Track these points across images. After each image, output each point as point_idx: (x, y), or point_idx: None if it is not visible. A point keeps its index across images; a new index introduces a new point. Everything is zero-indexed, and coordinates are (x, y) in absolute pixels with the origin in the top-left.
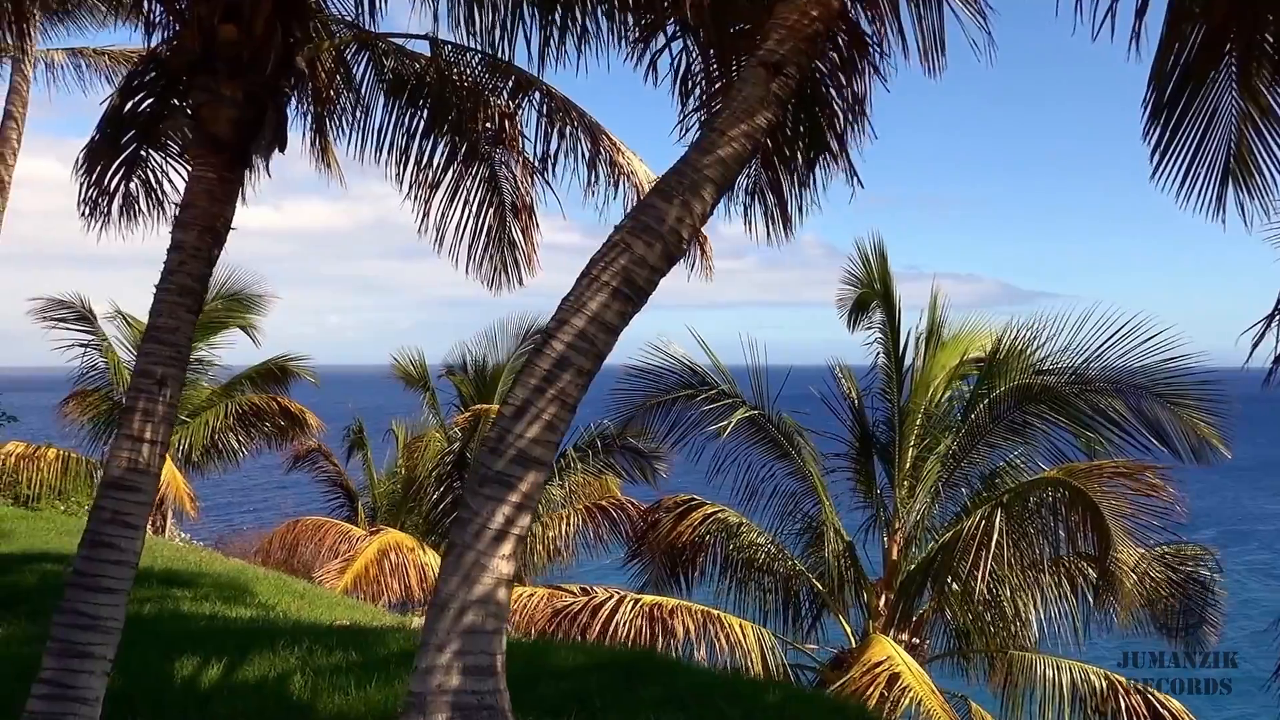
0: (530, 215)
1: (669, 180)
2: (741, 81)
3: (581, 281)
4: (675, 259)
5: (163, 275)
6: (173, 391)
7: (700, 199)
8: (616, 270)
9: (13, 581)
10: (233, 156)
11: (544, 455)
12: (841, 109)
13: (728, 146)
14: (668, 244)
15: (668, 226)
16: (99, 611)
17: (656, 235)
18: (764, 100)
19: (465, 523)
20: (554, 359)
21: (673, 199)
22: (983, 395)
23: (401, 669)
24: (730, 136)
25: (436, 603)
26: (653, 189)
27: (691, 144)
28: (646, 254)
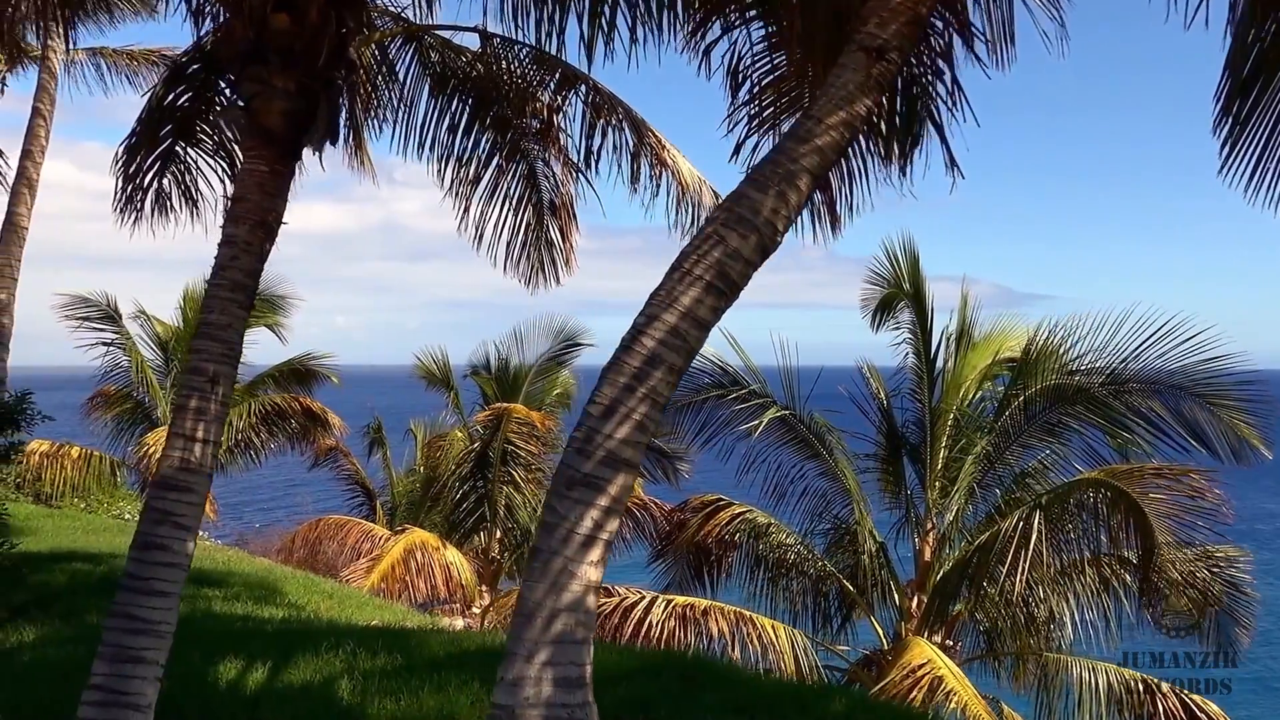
0: (569, 214)
1: (764, 170)
2: (840, 68)
3: (672, 275)
4: (769, 252)
5: (214, 270)
6: (225, 390)
7: (796, 189)
8: (710, 264)
9: (43, 581)
10: (284, 149)
11: (634, 457)
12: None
13: (826, 135)
14: (763, 236)
15: (763, 218)
16: (151, 615)
17: (751, 227)
18: (864, 86)
19: (552, 527)
20: (644, 356)
21: (768, 189)
22: (1015, 396)
23: (451, 673)
24: (828, 125)
25: (523, 611)
26: (746, 179)
27: (787, 132)
28: (741, 247)
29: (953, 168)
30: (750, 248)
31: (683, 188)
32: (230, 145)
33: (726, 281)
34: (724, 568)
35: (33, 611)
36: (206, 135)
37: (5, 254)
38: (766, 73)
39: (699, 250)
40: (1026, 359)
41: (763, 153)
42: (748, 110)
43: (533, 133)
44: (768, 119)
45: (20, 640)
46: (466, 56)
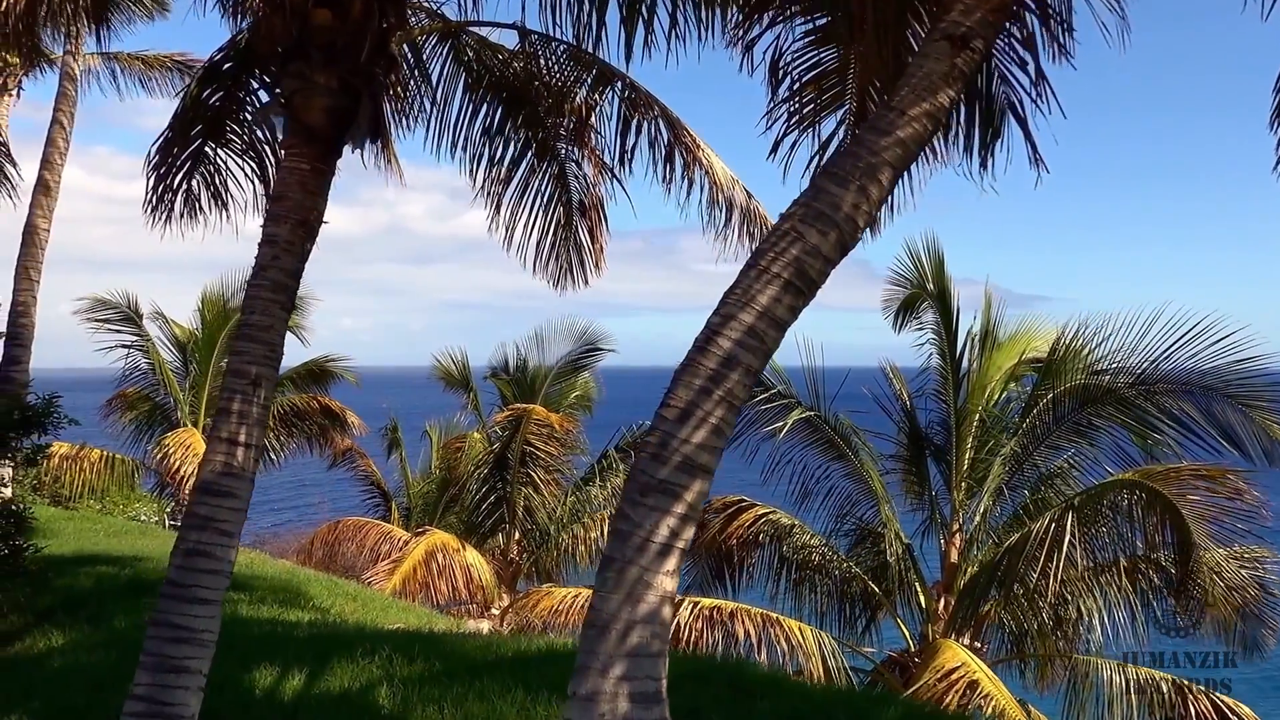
0: (600, 214)
1: (843, 164)
2: (922, 57)
3: (749, 273)
4: (849, 249)
5: (254, 271)
6: (267, 392)
7: (877, 183)
8: (788, 261)
9: (68, 584)
10: (326, 147)
11: (710, 462)
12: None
13: (908, 127)
14: (843, 233)
15: (843, 214)
16: (194, 624)
17: (831, 223)
18: (948, 76)
19: (626, 536)
20: (721, 357)
21: (848, 184)
22: (1042, 396)
23: (492, 680)
24: (911, 116)
25: (596, 623)
26: (823, 173)
27: (866, 124)
28: (820, 244)
29: (1037, 163)
30: (830, 245)
31: (717, 187)
32: (260, 146)
33: (805, 280)
34: (747, 569)
35: (60, 616)
36: (236, 135)
37: (26, 257)
38: (807, 69)
39: (776, 247)
40: (1053, 359)
41: (801, 151)
42: (787, 107)
43: (566, 133)
44: (807, 116)
45: (49, 645)
46: (502, 55)
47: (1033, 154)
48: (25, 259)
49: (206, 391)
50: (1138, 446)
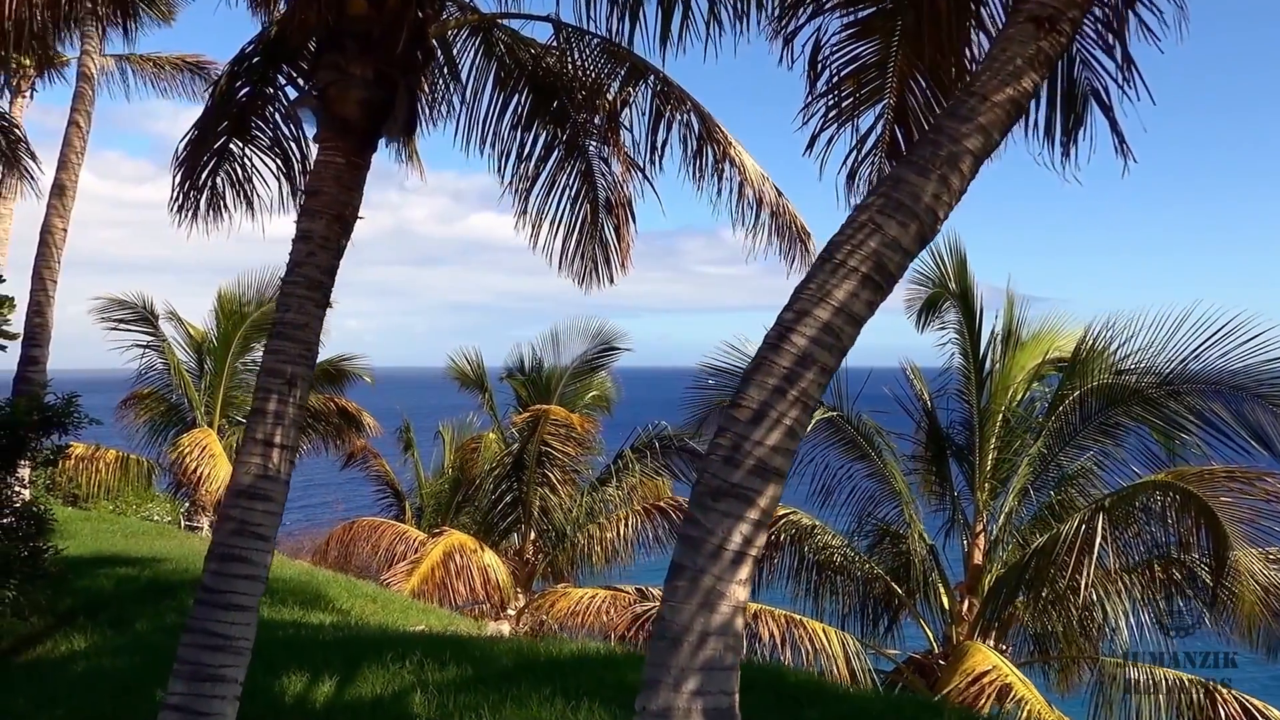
0: (627, 212)
1: (923, 152)
2: (1006, 40)
3: (824, 267)
4: (928, 242)
5: (289, 268)
6: (302, 392)
7: (959, 173)
8: (866, 254)
9: (86, 586)
10: (362, 140)
11: (784, 466)
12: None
13: (990, 113)
14: (923, 224)
15: (924, 204)
16: (230, 631)
17: (911, 214)
18: (1033, 60)
19: (698, 542)
20: (796, 356)
21: (929, 173)
22: (1065, 396)
23: (528, 687)
24: (994, 102)
25: (667, 635)
26: (903, 162)
27: (946, 110)
28: (900, 236)
29: (1123, 151)
30: (910, 237)
31: (749, 183)
32: (286, 142)
33: (884, 274)
34: (768, 569)
35: (81, 619)
36: (261, 131)
37: (43, 258)
38: (846, 63)
39: (853, 240)
40: (1078, 359)
41: (839, 146)
42: (825, 102)
43: (595, 129)
44: (846, 110)
45: (71, 648)
46: (535, 49)
47: (1119, 143)
48: (42, 260)
49: (221, 392)
50: (1163, 447)
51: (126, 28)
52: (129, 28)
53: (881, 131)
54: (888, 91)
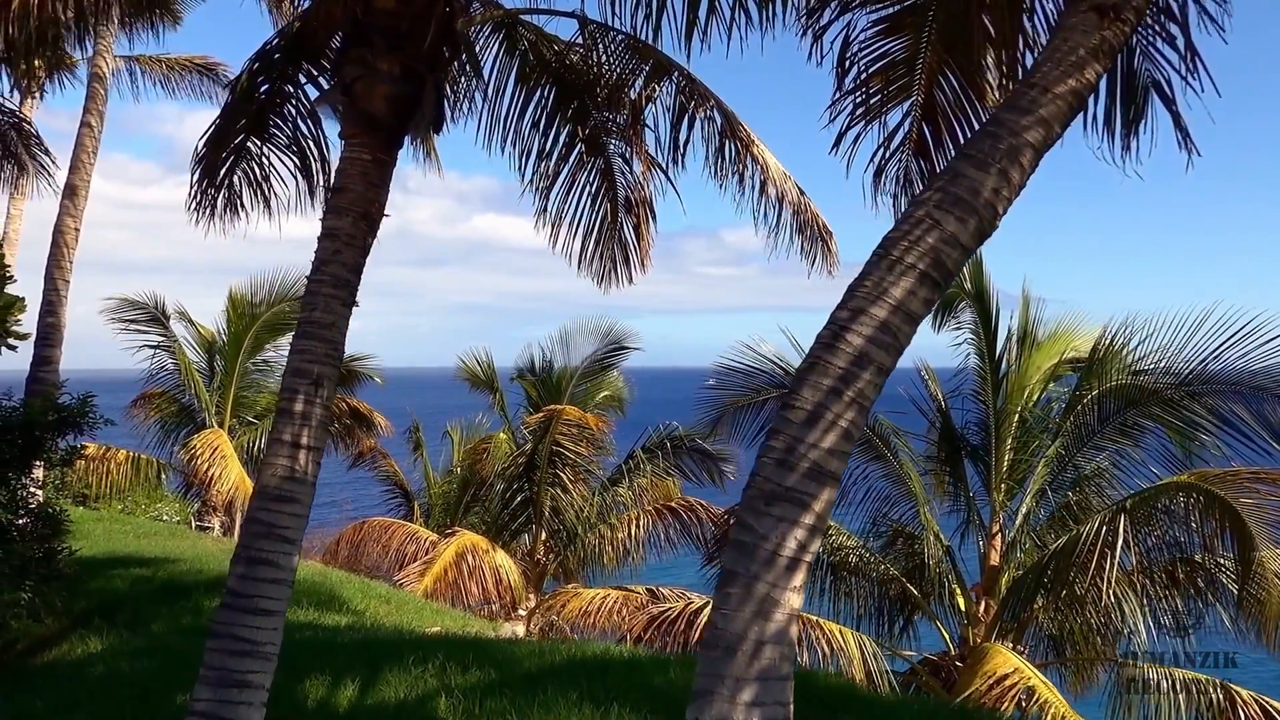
0: (648, 211)
1: (981, 145)
2: (1067, 30)
3: (879, 264)
4: (987, 237)
5: (314, 266)
6: (329, 392)
7: (1019, 166)
8: (924, 251)
9: (101, 587)
10: (388, 136)
11: (838, 469)
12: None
13: (1051, 105)
14: (982, 220)
15: (983, 199)
16: (257, 636)
17: (970, 209)
18: (1096, 51)
19: (751, 548)
20: (852, 355)
21: (989, 167)
22: (1082, 397)
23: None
24: (1056, 94)
25: (719, 643)
26: (960, 156)
27: (1004, 102)
28: (959, 232)
29: (1187, 146)
30: (969, 233)
31: (772, 183)
32: (304, 141)
33: (941, 271)
34: None
35: (96, 620)
36: (279, 130)
37: (55, 257)
38: (874, 60)
39: (910, 236)
40: (1095, 359)
41: (865, 144)
42: (852, 99)
43: (616, 127)
44: (874, 108)
45: (87, 650)
46: (558, 45)
47: (1182, 137)
48: (54, 260)
49: (232, 392)
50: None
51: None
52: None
53: (909, 129)
54: (916, 88)
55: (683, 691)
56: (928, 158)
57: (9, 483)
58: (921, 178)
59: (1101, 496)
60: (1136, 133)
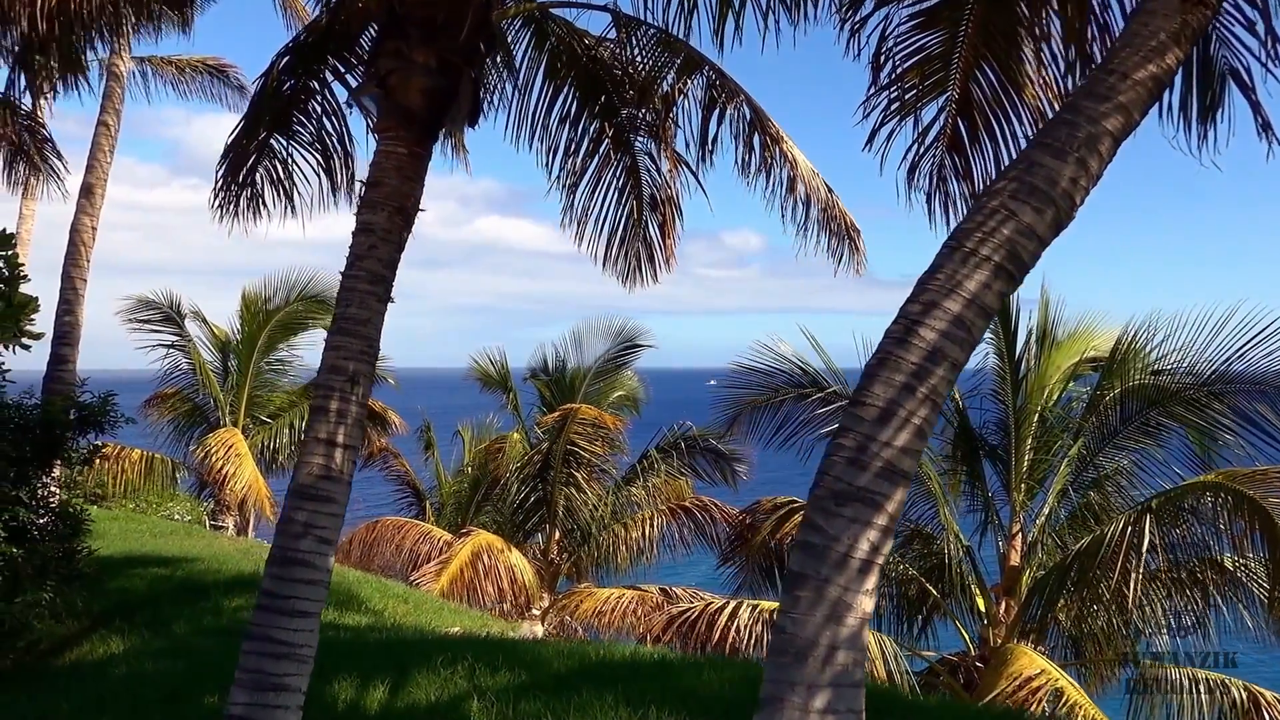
0: (674, 209)
1: (1057, 133)
2: (1147, 14)
3: (952, 256)
4: (1063, 229)
5: (349, 261)
6: (365, 390)
7: (1097, 155)
8: (999, 242)
9: (121, 587)
10: (424, 130)
11: (911, 468)
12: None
13: (1130, 92)
14: (1059, 210)
15: (1061, 189)
16: (293, 638)
17: (1047, 199)
18: (1178, 35)
19: (821, 550)
20: (925, 351)
21: (1066, 155)
22: (1102, 396)
23: (590, 693)
24: (1135, 80)
25: (789, 649)
26: (1036, 144)
27: (1080, 89)
28: (1035, 223)
29: (1267, 135)
30: (1046, 224)
31: (801, 180)
32: (328, 139)
33: (1017, 263)
34: None
35: (116, 620)
36: (303, 127)
37: (72, 257)
38: (910, 54)
39: (984, 227)
40: (1115, 359)
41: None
42: (887, 94)
43: (644, 123)
44: (909, 103)
45: (108, 651)
46: (588, 40)
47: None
48: (71, 259)
49: (246, 392)
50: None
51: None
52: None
53: (944, 124)
54: (951, 83)
55: (718, 694)
56: (962, 153)
57: (29, 481)
58: (955, 174)
59: (1122, 496)
60: (1213, 121)
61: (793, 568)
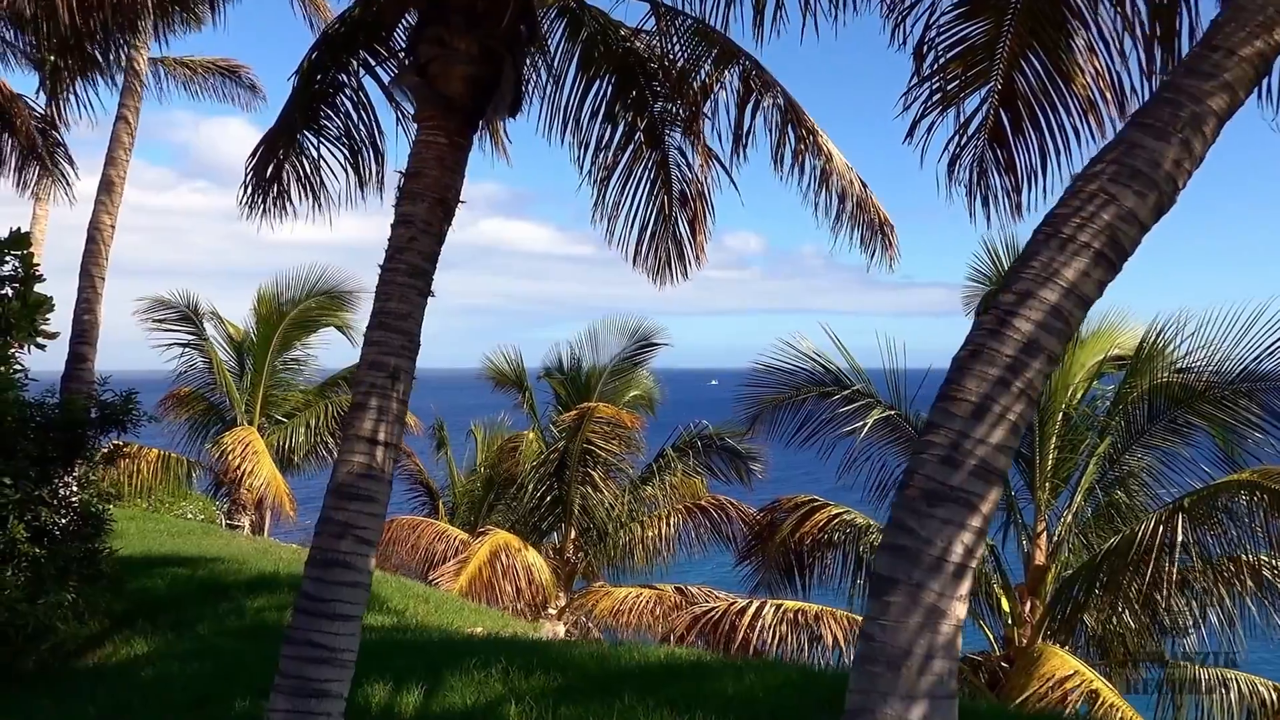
0: (703, 204)
1: (1159, 113)
2: None
3: (1048, 244)
4: (1164, 213)
5: (389, 254)
6: (405, 386)
7: (1201, 136)
8: (1099, 228)
9: (143, 587)
10: (465, 119)
11: (1006, 466)
12: None
13: (1237, 69)
14: (1162, 194)
15: (1164, 172)
16: (335, 642)
17: (1150, 183)
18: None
19: (913, 553)
20: (1020, 343)
21: (1169, 136)
22: (1128, 394)
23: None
24: (1241, 57)
25: (881, 657)
26: (1134, 124)
27: (1181, 67)
28: (1137, 207)
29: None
30: (1148, 209)
31: (836, 174)
32: (355, 133)
33: (1117, 250)
34: (821, 569)
35: (140, 621)
36: (330, 122)
37: (91, 255)
38: (952, 44)
39: (1082, 212)
40: (1141, 356)
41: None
42: (929, 86)
43: (676, 117)
44: (951, 94)
45: (132, 653)
46: (624, 31)
47: None
48: (90, 257)
49: (261, 391)
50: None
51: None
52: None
53: (985, 115)
54: (995, 74)
55: (762, 700)
56: (1004, 145)
57: (51, 481)
58: (996, 166)
59: (1147, 495)
60: None
61: (881, 572)
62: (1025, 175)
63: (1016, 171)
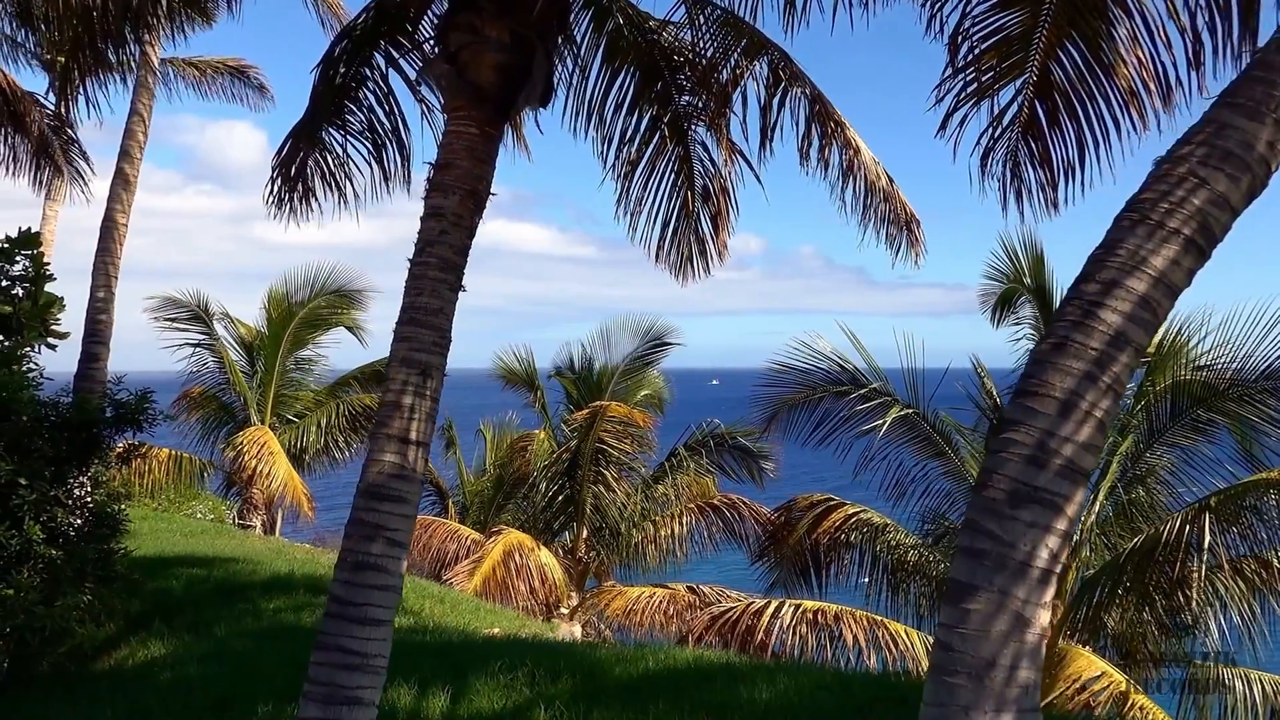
0: (726, 200)
1: (1251, 91)
2: None
3: (1135, 230)
4: (1256, 197)
5: (418, 248)
6: (436, 384)
7: None
8: (1190, 213)
9: (159, 587)
10: (496, 108)
11: (1093, 466)
12: None
13: None
14: (1255, 177)
15: (1257, 154)
16: (366, 648)
17: (1242, 166)
18: None
19: (998, 558)
20: (1107, 335)
21: (1263, 116)
22: (1148, 392)
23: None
24: None
25: (962, 667)
26: (1222, 104)
27: (1272, 43)
28: (1229, 191)
29: None
30: (1240, 193)
31: (864, 168)
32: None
33: (1208, 237)
34: (838, 569)
35: (156, 622)
36: (353, 116)
37: (104, 252)
38: (987, 35)
39: (1171, 196)
40: (1162, 353)
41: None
42: (962, 78)
43: (700, 111)
44: (985, 85)
45: (149, 655)
46: (651, 23)
47: None
48: (103, 254)
49: (273, 390)
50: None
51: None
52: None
53: (1020, 107)
54: (1030, 65)
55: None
56: (1039, 138)
57: (66, 481)
58: (1030, 158)
59: (1168, 494)
60: None
61: (959, 578)
62: (1061, 168)
63: (1052, 165)
